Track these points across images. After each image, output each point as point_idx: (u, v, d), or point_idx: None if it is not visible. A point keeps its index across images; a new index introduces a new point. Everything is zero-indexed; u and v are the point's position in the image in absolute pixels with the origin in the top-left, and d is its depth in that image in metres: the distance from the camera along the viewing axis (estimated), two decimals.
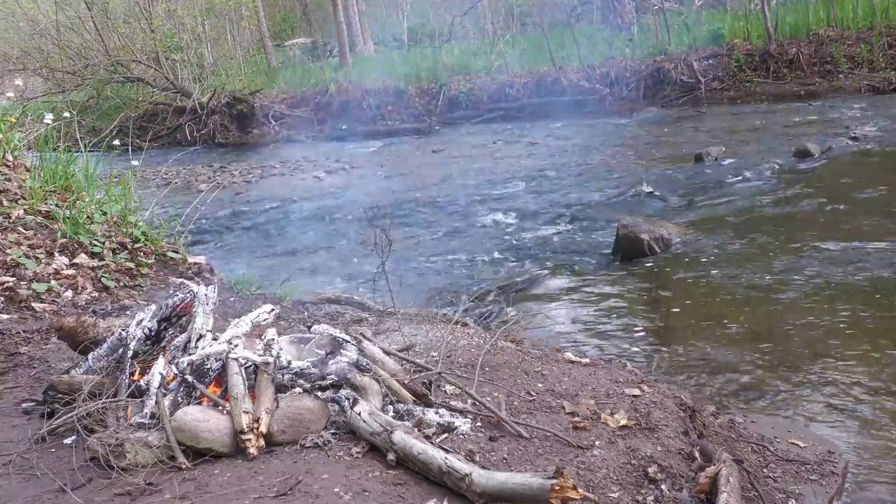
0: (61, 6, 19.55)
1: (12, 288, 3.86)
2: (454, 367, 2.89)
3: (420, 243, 7.62)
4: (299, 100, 19.36)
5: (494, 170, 11.21)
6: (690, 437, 2.53)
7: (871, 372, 3.74)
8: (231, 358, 2.42)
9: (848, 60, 14.83)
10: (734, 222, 6.88)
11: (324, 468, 2.13)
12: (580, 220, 7.83)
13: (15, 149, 5.28)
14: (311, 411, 2.34)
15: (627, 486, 2.18)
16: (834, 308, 4.56)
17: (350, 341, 2.60)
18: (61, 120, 5.74)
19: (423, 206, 9.34)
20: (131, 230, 4.63)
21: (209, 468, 2.18)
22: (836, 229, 6.16)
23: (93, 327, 2.78)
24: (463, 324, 3.83)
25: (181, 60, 21.14)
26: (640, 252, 6.18)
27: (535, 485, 1.94)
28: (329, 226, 8.79)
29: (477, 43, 21.86)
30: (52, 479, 2.19)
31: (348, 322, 3.91)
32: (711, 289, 5.19)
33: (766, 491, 2.40)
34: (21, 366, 3.18)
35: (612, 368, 3.04)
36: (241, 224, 9.24)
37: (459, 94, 17.79)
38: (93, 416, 2.38)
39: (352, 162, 13.32)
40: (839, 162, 8.87)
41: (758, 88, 15.15)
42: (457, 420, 2.42)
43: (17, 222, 4.41)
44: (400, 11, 27.30)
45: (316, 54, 25.49)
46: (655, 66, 16.31)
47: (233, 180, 12.32)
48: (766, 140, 10.87)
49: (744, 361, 4.00)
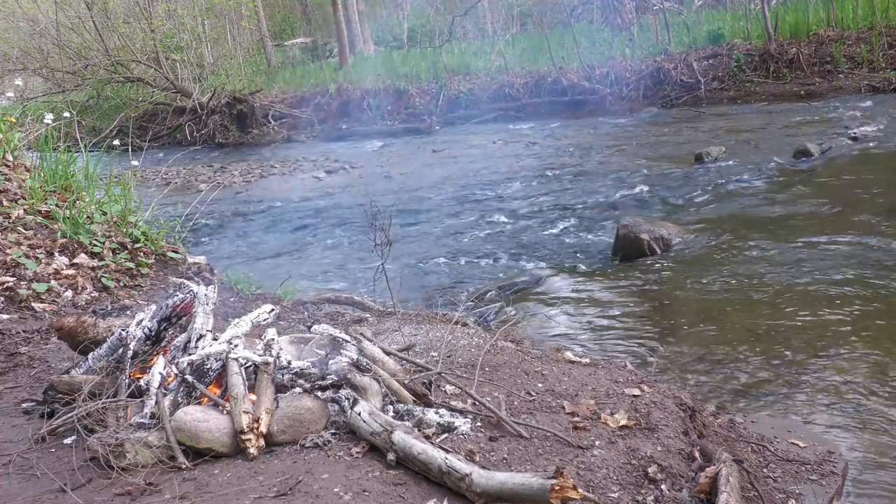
0: (61, 6, 19.55)
1: (12, 288, 3.86)
2: (454, 367, 2.89)
3: (420, 243, 7.62)
4: (299, 100, 19.37)
5: (494, 170, 11.21)
6: (690, 437, 2.53)
7: (871, 372, 3.73)
8: (231, 358, 2.42)
9: (848, 60, 14.83)
10: (734, 222, 6.88)
11: (324, 468, 2.13)
12: (580, 220, 7.83)
13: (15, 149, 5.28)
14: (311, 411, 2.34)
15: (627, 486, 2.18)
16: (834, 308, 4.56)
17: (350, 341, 2.60)
18: (61, 120, 5.74)
19: (423, 205, 9.35)
20: (131, 230, 4.63)
21: (209, 468, 2.18)
22: (836, 229, 6.15)
23: (93, 327, 2.78)
24: (463, 324, 3.83)
25: (181, 60, 21.15)
26: (640, 252, 6.17)
27: (535, 485, 1.94)
28: (329, 226, 8.79)
29: (477, 43, 21.87)
30: (52, 479, 2.19)
31: (348, 322, 3.91)
32: (711, 288, 5.19)
33: (766, 491, 2.40)
34: (21, 366, 3.19)
35: (612, 368, 3.04)
36: (242, 224, 9.25)
37: (459, 94, 17.79)
38: (93, 416, 2.38)
39: (352, 162, 13.33)
40: (839, 162, 8.86)
41: (758, 88, 15.16)
42: (457, 420, 2.42)
43: (17, 222, 4.41)
44: (400, 11, 27.30)
45: (316, 54, 25.50)
46: (655, 66, 16.32)
47: (233, 180, 12.32)
48: (766, 140, 10.87)
49: (744, 361, 4.00)
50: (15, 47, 21.21)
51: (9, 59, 20.69)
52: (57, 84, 19.78)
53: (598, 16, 21.25)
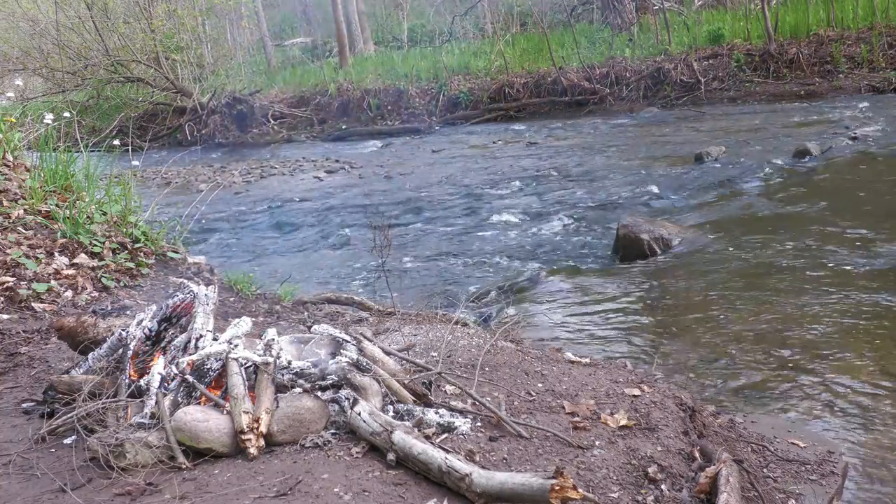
0: (61, 6, 19.54)
1: (12, 288, 3.86)
2: (454, 367, 2.89)
3: (420, 243, 7.62)
4: (299, 100, 19.37)
5: (494, 170, 11.21)
6: (690, 437, 2.53)
7: (871, 372, 3.74)
8: (231, 358, 2.42)
9: (848, 60, 14.83)
10: (734, 222, 6.88)
11: (324, 468, 2.13)
12: (580, 220, 7.84)
13: (15, 149, 5.28)
14: (311, 411, 2.34)
15: (627, 486, 2.18)
16: (834, 308, 4.56)
17: (350, 341, 2.60)
18: (61, 120, 5.74)
19: (422, 206, 9.35)
20: (131, 230, 4.62)
21: (209, 468, 2.18)
22: (836, 229, 6.16)
23: (93, 327, 2.78)
24: (463, 324, 3.83)
25: (181, 60, 21.13)
26: (640, 252, 6.17)
27: (535, 485, 1.94)
28: (329, 226, 8.79)
29: (477, 43, 21.87)
30: (52, 479, 2.19)
31: (348, 322, 3.91)
32: (711, 289, 5.19)
33: (766, 491, 2.40)
34: (21, 366, 3.18)
35: (612, 368, 3.04)
36: (241, 224, 9.25)
37: (459, 94, 17.80)
38: (93, 416, 2.38)
39: (352, 162, 13.33)
40: (839, 162, 8.87)
41: (758, 88, 15.16)
42: (457, 420, 2.41)
43: (17, 222, 4.41)
44: (400, 11, 27.30)
45: (316, 54, 25.49)
46: (655, 66, 16.32)
47: (233, 180, 12.33)
48: (766, 140, 10.87)
49: (744, 361, 4.00)
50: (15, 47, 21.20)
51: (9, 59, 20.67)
52: (57, 84, 19.77)
53: (598, 16, 21.26)
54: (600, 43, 18.23)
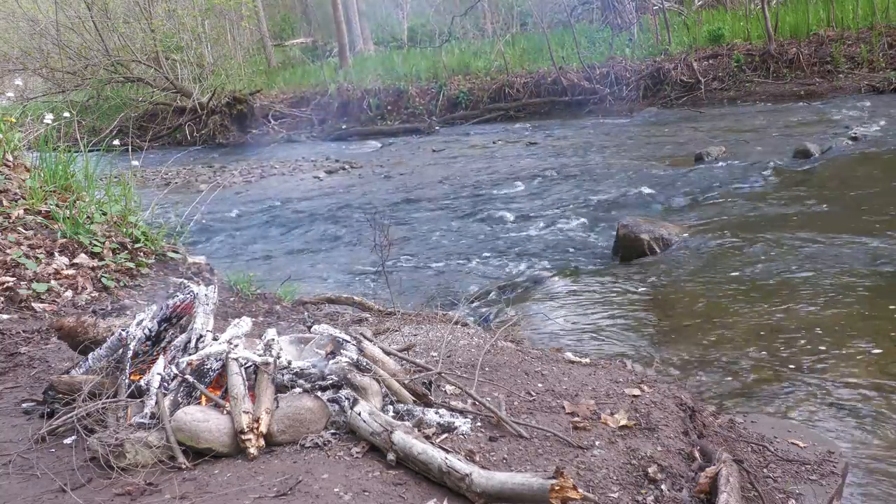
0: (61, 6, 19.55)
1: (12, 288, 3.86)
2: (454, 367, 2.89)
3: (420, 243, 7.62)
4: (299, 100, 19.38)
5: (494, 170, 11.21)
6: (690, 437, 2.53)
7: (871, 372, 3.74)
8: (231, 358, 2.42)
9: (848, 60, 14.84)
10: (734, 222, 6.88)
11: (324, 468, 2.13)
12: (580, 220, 7.83)
13: (15, 149, 5.28)
14: (311, 411, 2.34)
15: (627, 486, 2.18)
16: (834, 308, 4.56)
17: (350, 341, 2.60)
18: (61, 120, 5.74)
19: (422, 205, 9.35)
20: (131, 230, 4.63)
21: (209, 468, 2.18)
22: (836, 229, 6.15)
23: (93, 327, 2.77)
24: (463, 324, 3.83)
25: (181, 60, 21.14)
26: (640, 252, 6.17)
27: (535, 485, 1.94)
28: (329, 226, 8.79)
29: (477, 43, 21.88)
30: (52, 479, 2.19)
31: (348, 322, 3.91)
32: (711, 289, 5.19)
33: (766, 491, 2.40)
34: (21, 366, 3.18)
35: (612, 368, 3.04)
36: (241, 224, 9.25)
37: (459, 94, 17.81)
38: (93, 416, 2.38)
39: (352, 162, 13.33)
40: (839, 162, 8.86)
41: (758, 88, 15.16)
42: (457, 420, 2.41)
43: (17, 222, 4.41)
44: (400, 11, 27.30)
45: (316, 54, 25.51)
46: (655, 66, 16.33)
47: (233, 180, 12.33)
48: (766, 140, 10.87)
49: (744, 361, 4.00)
50: (15, 47, 21.20)
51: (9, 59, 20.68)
52: (57, 84, 19.78)
53: (598, 16, 21.25)
54: (600, 43, 18.22)
